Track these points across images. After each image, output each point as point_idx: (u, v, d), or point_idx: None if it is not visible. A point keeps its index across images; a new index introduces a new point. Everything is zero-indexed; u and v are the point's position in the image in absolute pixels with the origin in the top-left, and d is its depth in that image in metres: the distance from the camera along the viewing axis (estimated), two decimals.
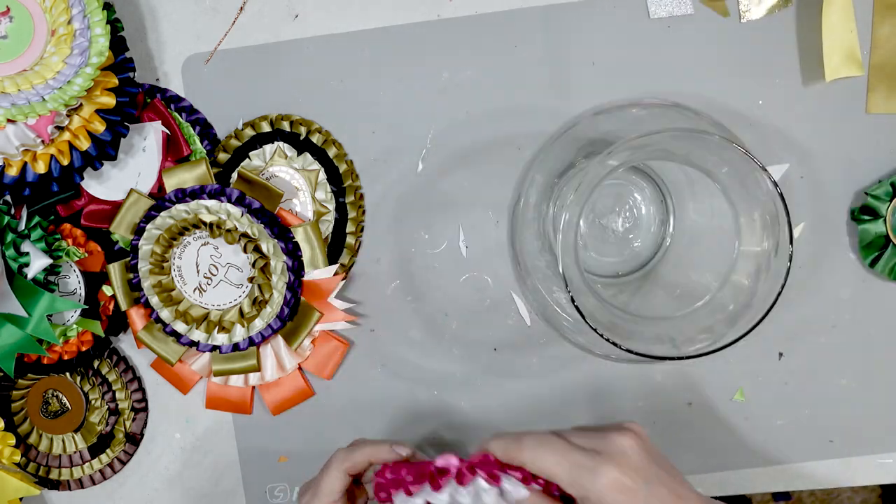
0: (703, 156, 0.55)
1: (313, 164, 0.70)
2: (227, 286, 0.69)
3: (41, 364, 0.70)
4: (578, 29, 0.70)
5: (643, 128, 0.59)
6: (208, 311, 0.69)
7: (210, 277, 0.69)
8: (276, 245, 0.67)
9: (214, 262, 0.69)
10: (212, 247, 0.69)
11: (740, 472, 0.72)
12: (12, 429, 0.72)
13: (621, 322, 0.60)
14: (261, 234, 0.67)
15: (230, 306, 0.69)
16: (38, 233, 0.68)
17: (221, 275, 0.69)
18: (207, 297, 0.69)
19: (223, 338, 0.68)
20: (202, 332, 0.68)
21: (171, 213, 0.67)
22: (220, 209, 0.67)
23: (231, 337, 0.68)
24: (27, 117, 0.62)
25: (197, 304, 0.69)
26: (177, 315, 0.69)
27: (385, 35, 0.71)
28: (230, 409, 0.72)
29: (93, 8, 0.63)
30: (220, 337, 0.68)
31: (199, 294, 0.69)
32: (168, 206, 0.67)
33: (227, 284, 0.69)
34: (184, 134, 0.70)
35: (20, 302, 0.66)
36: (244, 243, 0.68)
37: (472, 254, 0.71)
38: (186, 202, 0.67)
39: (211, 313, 0.69)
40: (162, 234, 0.68)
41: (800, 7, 0.70)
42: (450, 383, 0.72)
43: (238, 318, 0.69)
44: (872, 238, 0.69)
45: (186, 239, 0.69)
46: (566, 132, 0.61)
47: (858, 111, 0.70)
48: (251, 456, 0.73)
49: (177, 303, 0.69)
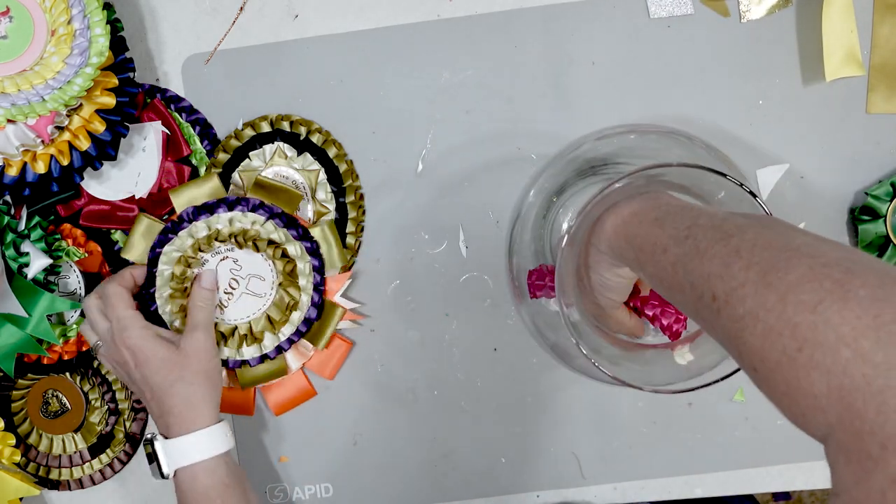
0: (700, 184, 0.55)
1: (313, 164, 0.70)
2: (250, 298, 0.68)
3: (41, 364, 0.70)
4: (578, 29, 0.70)
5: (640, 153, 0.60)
6: (235, 325, 0.68)
7: (231, 292, 0.68)
8: (302, 247, 0.67)
9: (235, 275, 0.67)
10: (231, 260, 0.67)
11: (740, 472, 0.72)
12: (12, 429, 0.72)
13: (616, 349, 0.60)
14: (287, 238, 0.67)
15: (254, 317, 0.68)
16: (38, 233, 0.68)
17: (243, 287, 0.68)
18: (229, 313, 0.68)
19: (251, 351, 0.68)
20: (230, 347, 0.68)
21: (189, 231, 0.66)
22: (245, 219, 0.66)
23: (261, 348, 0.68)
24: (27, 117, 0.62)
25: (220, 322, 0.68)
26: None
27: (385, 35, 0.71)
28: (232, 410, 0.72)
29: (93, 8, 0.63)
30: (249, 350, 0.68)
31: (220, 311, 0.68)
32: (184, 225, 0.66)
33: (250, 296, 0.68)
34: (184, 134, 0.70)
35: (20, 302, 0.66)
36: (272, 250, 0.67)
37: (472, 254, 0.71)
38: (205, 217, 0.66)
39: (239, 326, 0.68)
40: (182, 256, 0.66)
41: (800, 7, 0.70)
42: (450, 383, 0.72)
43: (268, 326, 0.68)
44: (872, 238, 0.69)
45: (205, 256, 0.67)
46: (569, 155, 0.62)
47: (858, 111, 0.70)
48: (251, 456, 0.73)
49: None
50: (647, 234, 0.49)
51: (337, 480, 0.73)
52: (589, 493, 0.73)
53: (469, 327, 0.72)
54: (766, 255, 0.40)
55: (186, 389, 0.62)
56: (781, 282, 0.38)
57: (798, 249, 0.39)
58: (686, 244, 0.45)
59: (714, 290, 0.42)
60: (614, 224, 0.52)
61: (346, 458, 0.73)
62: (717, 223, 0.45)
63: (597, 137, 0.61)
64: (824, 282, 0.36)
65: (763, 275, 0.39)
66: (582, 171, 0.64)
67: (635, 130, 0.61)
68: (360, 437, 0.73)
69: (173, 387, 0.62)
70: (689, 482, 0.72)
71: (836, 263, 0.37)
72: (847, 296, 0.35)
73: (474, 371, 0.72)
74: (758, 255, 0.40)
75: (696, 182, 0.55)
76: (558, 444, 0.72)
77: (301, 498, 0.73)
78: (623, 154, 0.62)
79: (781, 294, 0.38)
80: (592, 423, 0.72)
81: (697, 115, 0.70)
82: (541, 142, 0.71)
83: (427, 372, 0.72)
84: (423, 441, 0.72)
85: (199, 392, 0.62)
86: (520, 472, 0.72)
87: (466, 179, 0.71)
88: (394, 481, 0.73)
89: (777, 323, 0.37)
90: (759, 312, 0.38)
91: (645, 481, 0.73)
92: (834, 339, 0.35)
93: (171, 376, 0.62)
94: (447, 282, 0.71)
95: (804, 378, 0.36)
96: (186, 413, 0.62)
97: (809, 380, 0.35)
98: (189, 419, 0.62)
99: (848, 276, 0.36)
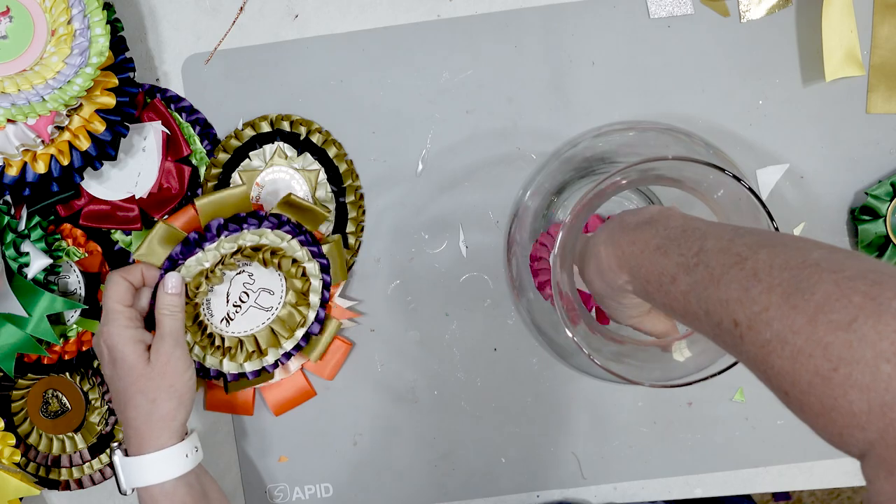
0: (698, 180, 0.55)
1: (313, 164, 0.70)
2: (256, 311, 0.67)
3: (41, 364, 0.70)
4: (578, 29, 0.70)
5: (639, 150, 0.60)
6: (240, 338, 0.67)
7: (240, 305, 0.67)
8: (319, 265, 0.67)
9: (247, 288, 0.67)
10: (246, 274, 0.67)
11: (740, 472, 0.72)
12: (12, 429, 0.72)
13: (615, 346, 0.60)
14: (308, 257, 0.66)
15: (257, 330, 0.67)
16: (38, 233, 0.68)
17: (252, 300, 0.67)
18: (235, 326, 0.67)
19: (252, 365, 0.67)
20: (235, 361, 0.67)
21: (217, 246, 0.64)
22: (273, 237, 0.64)
23: (263, 361, 0.67)
24: (27, 117, 0.62)
25: (224, 334, 0.67)
26: (214, 350, 0.66)
27: (385, 35, 0.71)
28: (231, 410, 0.72)
29: (93, 8, 0.63)
30: (250, 365, 0.67)
31: (227, 324, 0.67)
32: (212, 239, 0.63)
33: (257, 309, 0.67)
34: (184, 134, 0.70)
35: (20, 302, 0.66)
36: (295, 268, 0.66)
37: (472, 254, 0.71)
38: (233, 232, 0.64)
39: (245, 341, 0.67)
40: (204, 270, 0.64)
41: (800, 7, 0.70)
42: (450, 383, 0.72)
43: (272, 340, 0.67)
44: (872, 238, 0.69)
45: (230, 274, 0.66)
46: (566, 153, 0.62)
47: (858, 111, 0.70)
48: (251, 456, 0.73)
49: (211, 338, 0.67)
50: (651, 265, 0.47)
51: (337, 480, 0.73)
52: (589, 493, 0.73)
53: (469, 327, 0.72)
54: (786, 275, 0.39)
55: (147, 405, 0.59)
56: (808, 303, 0.37)
57: (818, 265, 0.38)
58: (697, 272, 0.44)
59: (734, 315, 0.41)
60: (613, 256, 0.50)
61: (346, 458, 0.73)
62: (725, 245, 0.44)
63: (594, 135, 0.61)
64: (853, 297, 0.35)
65: (787, 297, 0.38)
66: (581, 169, 0.64)
67: (634, 128, 0.61)
68: (360, 437, 0.73)
69: (134, 398, 0.59)
70: (689, 482, 0.72)
71: (860, 276, 0.36)
72: (880, 310, 0.34)
73: (474, 371, 0.72)
74: (777, 276, 0.39)
75: (694, 179, 0.55)
76: (558, 444, 0.72)
77: (301, 498, 0.73)
78: (622, 152, 0.62)
79: (810, 315, 0.37)
80: (592, 423, 0.72)
81: (697, 115, 0.70)
82: (541, 141, 0.71)
83: (427, 372, 0.72)
84: (423, 441, 0.72)
85: (162, 409, 0.60)
86: (520, 472, 0.72)
87: (466, 179, 0.71)
88: (394, 481, 0.73)
89: (807, 345, 0.36)
90: (787, 336, 0.37)
91: (645, 481, 0.73)
92: (872, 356, 0.34)
93: (133, 388, 0.59)
94: (447, 282, 0.71)
95: (841, 397, 0.35)
96: (144, 430, 0.59)
97: (847, 399, 0.35)
98: (147, 437, 0.59)
99: (877, 288, 0.35)
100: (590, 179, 0.65)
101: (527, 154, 0.71)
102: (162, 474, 0.59)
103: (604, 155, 0.63)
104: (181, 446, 0.60)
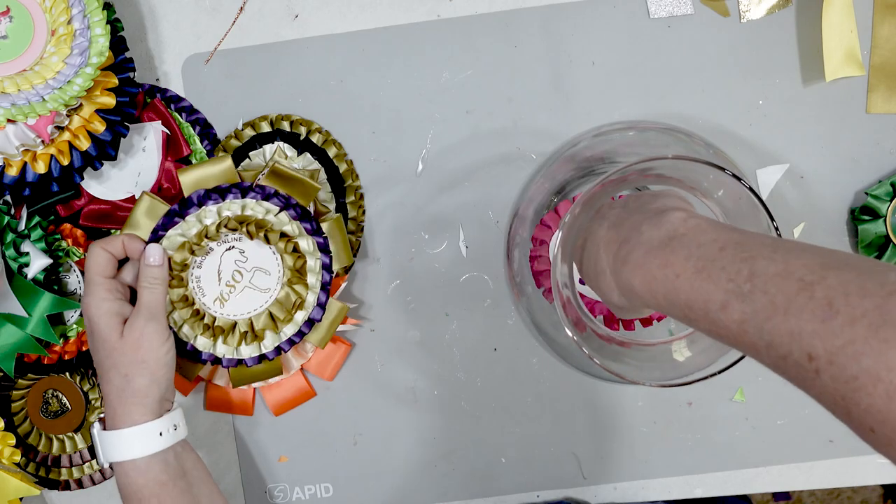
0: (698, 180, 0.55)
1: (313, 163, 0.70)
2: (252, 292, 0.63)
3: (41, 364, 0.70)
4: (578, 29, 0.70)
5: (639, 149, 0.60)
6: (235, 321, 0.64)
7: (233, 285, 0.63)
8: (314, 242, 0.63)
9: (239, 267, 0.63)
10: (237, 251, 0.63)
11: (740, 472, 0.72)
12: (12, 429, 0.72)
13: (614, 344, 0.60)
14: (300, 231, 0.63)
15: (255, 314, 0.64)
16: (38, 233, 0.68)
17: (246, 280, 0.63)
18: (230, 308, 0.63)
19: (250, 350, 0.64)
20: (228, 345, 0.63)
21: (198, 215, 0.61)
22: (258, 208, 0.62)
23: (261, 347, 0.64)
24: (27, 117, 0.62)
25: (218, 316, 0.64)
26: (203, 330, 0.63)
27: (385, 35, 0.71)
28: (231, 410, 0.72)
29: (93, 8, 0.63)
30: (247, 349, 0.64)
31: (220, 305, 0.63)
32: (192, 209, 0.62)
33: (253, 290, 0.63)
34: (184, 134, 0.70)
35: (20, 302, 0.66)
36: (283, 244, 0.63)
37: (472, 254, 0.71)
38: (215, 202, 0.62)
39: (239, 323, 0.64)
40: (186, 242, 0.62)
41: (800, 7, 0.70)
42: (450, 383, 0.72)
43: (270, 324, 0.64)
44: (872, 238, 0.69)
45: (211, 245, 0.63)
46: (566, 153, 0.62)
47: (858, 111, 0.70)
48: (251, 456, 0.73)
49: (200, 316, 0.63)
50: (693, 291, 0.43)
51: (337, 480, 0.73)
52: (589, 493, 0.73)
53: (469, 327, 0.72)
54: (868, 304, 0.36)
55: (120, 380, 0.58)
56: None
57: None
58: (755, 300, 0.40)
59: (810, 350, 0.37)
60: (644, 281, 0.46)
61: (346, 458, 0.73)
62: (780, 269, 0.40)
63: (594, 134, 0.61)
64: None
65: (875, 330, 0.35)
66: (581, 169, 0.64)
67: (634, 127, 0.61)
68: (360, 437, 0.73)
69: (108, 372, 0.58)
70: (689, 482, 0.72)
71: None
72: None
73: (474, 371, 0.72)
74: (857, 305, 0.36)
75: (694, 179, 0.55)
76: (558, 444, 0.72)
77: (301, 498, 0.73)
78: (622, 152, 0.62)
79: None
80: (592, 423, 0.72)
81: (697, 115, 0.70)
82: (541, 141, 0.71)
83: (427, 372, 0.72)
84: (423, 441, 0.72)
85: (134, 384, 0.58)
86: (520, 472, 0.73)
87: (466, 179, 0.71)
88: (394, 481, 0.73)
89: None
90: (880, 373, 0.34)
91: (645, 481, 0.73)
92: None
93: (108, 361, 0.58)
94: (447, 282, 0.72)
95: None
96: (118, 406, 0.58)
97: None
98: (120, 413, 0.58)
99: None
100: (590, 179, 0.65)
101: (527, 154, 0.71)
102: (133, 450, 0.58)
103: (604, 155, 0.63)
104: (155, 424, 0.59)
